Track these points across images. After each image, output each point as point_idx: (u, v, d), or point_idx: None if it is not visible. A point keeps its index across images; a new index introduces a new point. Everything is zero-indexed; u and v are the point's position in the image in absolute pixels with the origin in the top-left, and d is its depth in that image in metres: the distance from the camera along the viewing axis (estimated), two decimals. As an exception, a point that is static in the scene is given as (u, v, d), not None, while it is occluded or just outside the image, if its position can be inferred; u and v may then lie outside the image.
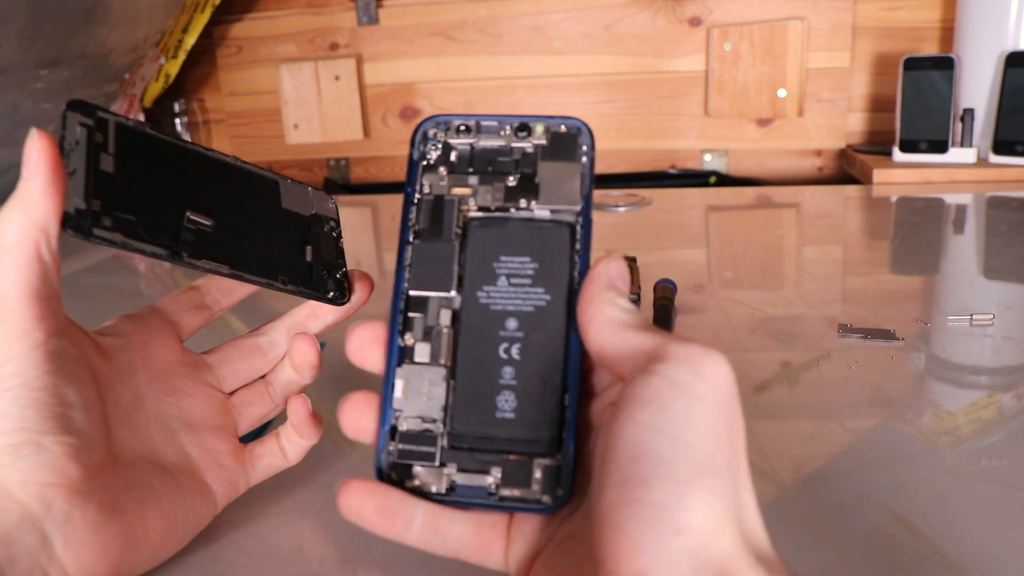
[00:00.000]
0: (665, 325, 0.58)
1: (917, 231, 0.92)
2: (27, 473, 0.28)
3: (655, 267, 0.74)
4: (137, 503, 0.31)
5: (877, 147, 1.26)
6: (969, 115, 1.11)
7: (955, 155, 1.12)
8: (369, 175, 1.49)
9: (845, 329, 0.58)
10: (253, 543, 0.37)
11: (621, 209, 1.03)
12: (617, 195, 1.10)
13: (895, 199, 1.05)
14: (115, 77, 1.27)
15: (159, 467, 0.33)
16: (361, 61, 1.42)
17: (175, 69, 1.35)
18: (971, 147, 1.11)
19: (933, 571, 0.33)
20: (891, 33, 1.28)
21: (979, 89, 1.12)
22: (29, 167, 0.27)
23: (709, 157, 1.38)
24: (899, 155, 1.15)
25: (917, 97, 1.13)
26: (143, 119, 1.36)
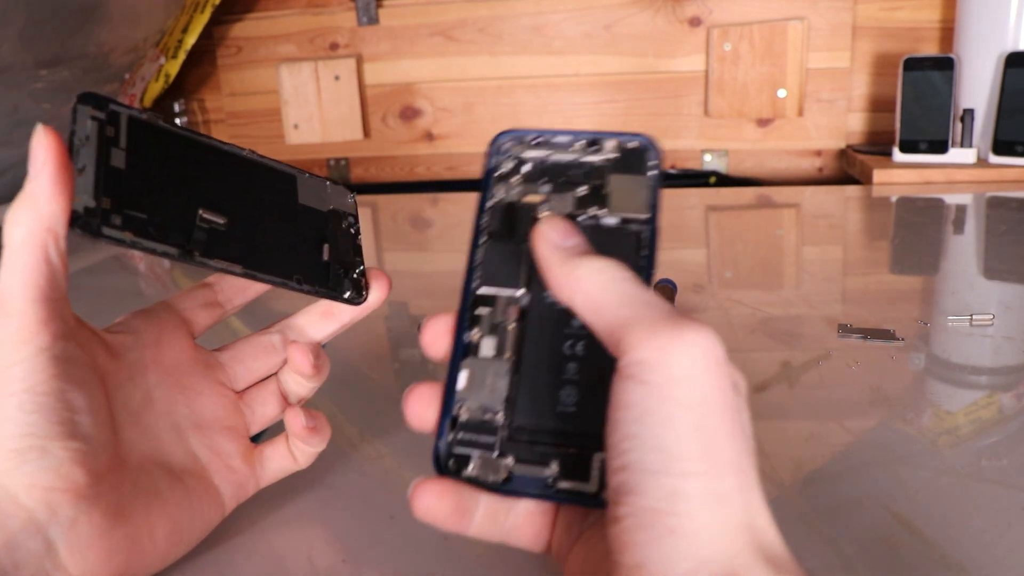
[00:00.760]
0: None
1: (917, 231, 0.92)
2: (32, 478, 0.27)
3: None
4: (143, 507, 0.31)
5: (877, 147, 1.26)
6: (969, 115, 1.11)
7: (955, 155, 1.12)
8: (369, 175, 1.49)
9: (845, 329, 0.58)
10: (262, 544, 0.37)
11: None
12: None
13: (895, 199, 1.05)
14: (115, 77, 1.27)
15: (167, 470, 0.33)
16: (361, 61, 1.42)
17: (175, 69, 1.35)
18: (971, 147, 1.11)
19: (933, 571, 0.33)
20: (891, 33, 1.28)
21: (979, 89, 1.12)
22: (36, 165, 0.27)
23: (709, 157, 1.38)
24: (899, 155, 1.15)
25: (917, 97, 1.13)
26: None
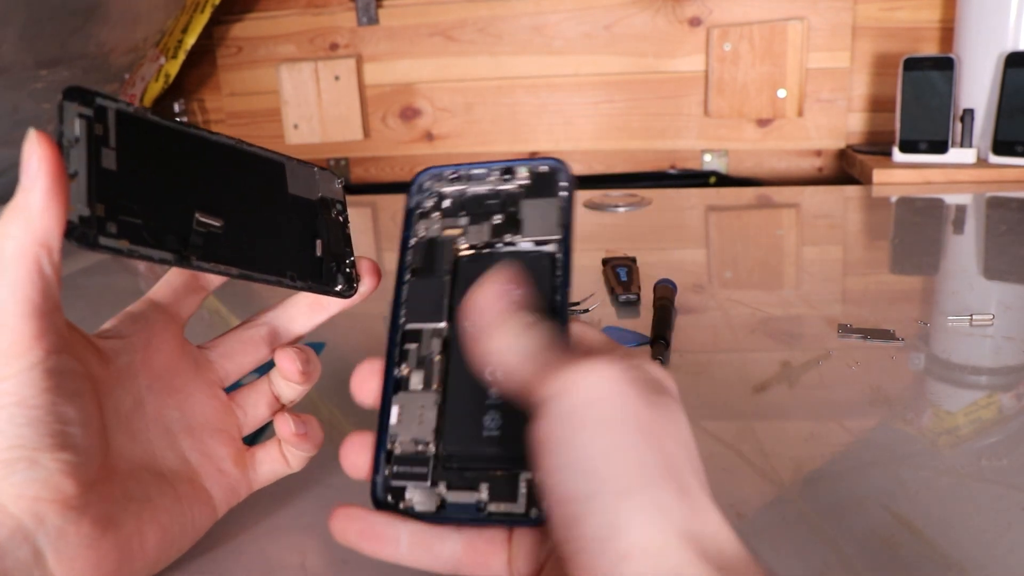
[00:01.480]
0: (665, 326, 0.58)
1: (917, 231, 0.92)
2: (20, 487, 0.27)
3: (655, 267, 0.74)
4: (133, 515, 0.31)
5: (877, 147, 1.26)
6: (969, 115, 1.11)
7: (955, 155, 1.12)
8: (369, 175, 1.49)
9: (845, 329, 0.58)
10: (254, 550, 0.37)
11: (621, 209, 1.03)
12: (617, 195, 1.10)
13: (895, 199, 1.05)
14: (115, 77, 1.27)
15: (157, 475, 0.33)
16: (361, 61, 1.42)
17: (175, 69, 1.35)
18: (971, 147, 1.11)
19: (933, 571, 0.33)
20: (891, 33, 1.28)
21: (979, 89, 1.12)
22: (29, 175, 0.26)
23: (709, 157, 1.38)
24: (899, 155, 1.14)
25: (917, 97, 1.13)
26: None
